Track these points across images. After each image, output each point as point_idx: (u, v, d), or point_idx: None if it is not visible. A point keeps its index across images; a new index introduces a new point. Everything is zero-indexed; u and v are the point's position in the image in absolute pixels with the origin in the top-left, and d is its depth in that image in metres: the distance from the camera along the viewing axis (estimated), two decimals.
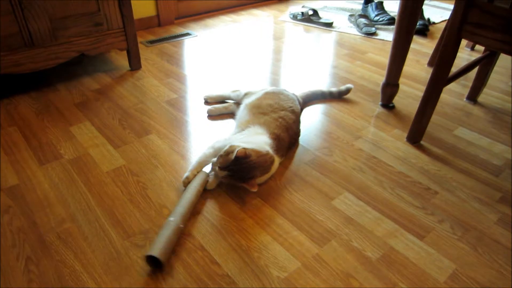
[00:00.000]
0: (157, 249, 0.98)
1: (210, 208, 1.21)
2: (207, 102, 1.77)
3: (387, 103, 1.81)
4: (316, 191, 1.30)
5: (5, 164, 1.35)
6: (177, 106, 1.74)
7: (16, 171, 1.32)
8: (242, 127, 1.39)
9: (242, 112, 1.51)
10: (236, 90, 1.70)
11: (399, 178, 1.37)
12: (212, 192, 1.28)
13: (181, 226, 1.08)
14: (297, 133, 1.51)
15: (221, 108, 1.70)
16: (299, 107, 1.57)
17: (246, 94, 1.64)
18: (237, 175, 1.20)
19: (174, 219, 1.08)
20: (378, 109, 1.80)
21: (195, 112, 1.70)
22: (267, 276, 1.01)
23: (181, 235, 1.11)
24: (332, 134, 1.60)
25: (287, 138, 1.40)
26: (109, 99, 1.76)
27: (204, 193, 1.26)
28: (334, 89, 1.87)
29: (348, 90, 1.88)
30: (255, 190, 1.21)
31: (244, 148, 1.17)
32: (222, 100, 1.76)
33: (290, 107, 1.50)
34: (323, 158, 1.45)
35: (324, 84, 2.00)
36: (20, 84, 1.86)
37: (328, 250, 1.09)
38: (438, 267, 1.06)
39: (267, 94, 1.55)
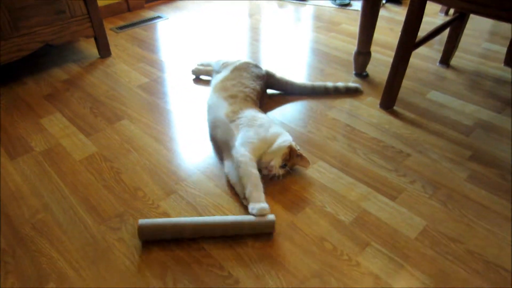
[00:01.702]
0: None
1: (184, 185, 1.21)
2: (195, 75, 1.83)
3: (360, 72, 1.81)
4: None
5: None
6: (149, 90, 1.72)
7: None
8: (231, 118, 1.34)
9: (213, 95, 1.49)
10: (219, 60, 1.72)
11: (372, 143, 1.39)
12: (185, 167, 1.28)
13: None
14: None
15: (203, 70, 1.80)
16: (261, 83, 1.55)
17: (223, 65, 1.64)
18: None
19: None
20: (352, 78, 1.80)
21: (167, 95, 1.69)
22: (241, 245, 1.03)
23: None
24: (306, 106, 1.60)
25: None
26: (79, 88, 1.74)
27: (185, 173, 1.27)
28: (340, 84, 1.69)
29: (356, 89, 1.69)
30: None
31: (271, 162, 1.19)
32: (208, 72, 1.79)
33: (252, 84, 1.49)
34: (297, 130, 1.46)
35: (304, 61, 2.00)
36: None
37: (302, 217, 1.11)
38: (409, 225, 1.08)
39: (231, 73, 1.54)
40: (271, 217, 1.05)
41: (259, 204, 1.07)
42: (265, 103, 1.61)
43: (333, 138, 1.42)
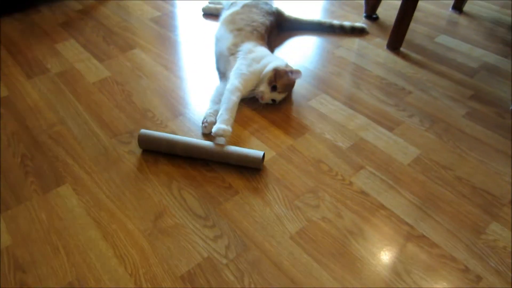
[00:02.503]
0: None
1: (191, 109, 1.27)
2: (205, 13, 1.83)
3: (371, 14, 1.81)
4: (294, 94, 1.35)
5: None
6: (160, 23, 1.75)
7: (5, 83, 1.37)
8: (231, 50, 1.38)
9: (221, 28, 1.51)
10: None
11: (376, 80, 1.42)
12: (194, 95, 1.33)
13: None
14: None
15: (213, 9, 1.80)
16: (271, 19, 1.56)
17: (232, 4, 1.65)
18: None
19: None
20: (362, 20, 1.79)
21: (178, 28, 1.71)
22: (243, 166, 1.10)
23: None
24: (314, 44, 1.62)
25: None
26: (93, 18, 1.77)
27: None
28: (346, 23, 1.70)
29: (362, 29, 1.70)
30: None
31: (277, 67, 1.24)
32: (218, 10, 1.78)
33: (261, 19, 1.50)
34: (304, 66, 1.49)
35: (315, 2, 1.98)
36: (3, 6, 1.85)
37: (301, 141, 1.17)
38: (403, 153, 1.14)
39: (241, 8, 1.55)
40: (259, 153, 1.06)
41: (221, 125, 1.11)
42: (273, 40, 1.63)
43: (338, 74, 1.45)
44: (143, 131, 1.11)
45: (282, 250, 0.89)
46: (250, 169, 1.08)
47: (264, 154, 1.08)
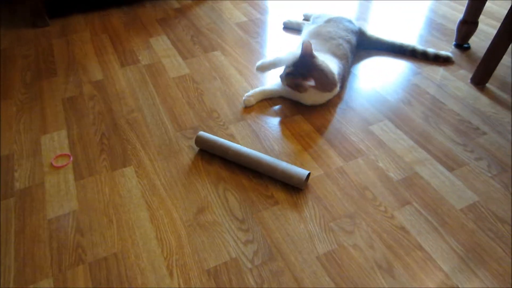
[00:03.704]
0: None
1: (253, 116, 1.34)
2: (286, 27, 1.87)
3: (462, 43, 1.70)
4: (357, 115, 1.34)
5: (95, 63, 1.61)
6: (245, 28, 1.84)
7: (102, 69, 1.57)
8: None
9: (305, 35, 1.57)
10: (313, 14, 1.78)
11: (448, 115, 1.35)
12: (259, 104, 1.39)
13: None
14: (349, 66, 1.52)
15: (294, 23, 1.84)
16: (355, 39, 1.56)
17: (316, 18, 1.69)
18: (298, 71, 1.29)
19: None
20: (450, 49, 1.70)
21: (260, 36, 1.79)
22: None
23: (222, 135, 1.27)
24: (391, 67, 1.58)
25: (346, 68, 1.44)
26: (186, 17, 1.93)
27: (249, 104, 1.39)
28: (431, 50, 1.62)
29: (447, 58, 1.60)
30: (307, 85, 1.27)
31: (309, 42, 1.27)
32: (299, 26, 1.83)
33: (347, 36, 1.51)
34: (372, 88, 1.47)
35: (405, 25, 1.93)
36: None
37: (352, 165, 1.17)
38: (458, 196, 1.08)
39: (328, 22, 1.58)
40: (303, 174, 1.07)
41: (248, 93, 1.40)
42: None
43: (408, 103, 1.40)
44: (201, 133, 1.20)
45: (306, 268, 0.92)
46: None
47: (309, 174, 1.11)
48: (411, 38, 1.77)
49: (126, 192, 1.09)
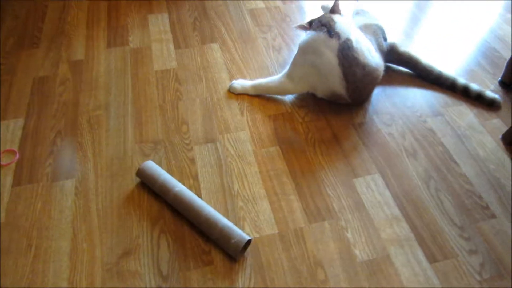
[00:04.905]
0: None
1: (226, 139, 1.17)
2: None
3: (509, 82, 1.38)
4: (344, 162, 1.13)
5: (82, 38, 1.47)
6: (257, 17, 1.60)
7: (87, 46, 1.43)
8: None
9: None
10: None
11: (456, 181, 1.10)
12: (237, 125, 1.21)
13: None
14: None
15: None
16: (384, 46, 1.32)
17: (357, 13, 1.42)
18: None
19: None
20: (493, 85, 1.39)
21: (272, 30, 1.55)
22: (239, 228, 0.98)
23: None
24: (407, 102, 1.32)
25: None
26: None
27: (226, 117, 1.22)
28: (475, 86, 1.32)
29: (492, 101, 1.30)
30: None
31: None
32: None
33: (379, 40, 1.28)
34: (376, 126, 1.23)
35: (452, 46, 1.60)
36: None
37: (315, 229, 0.99)
38: None
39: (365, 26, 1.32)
40: (241, 242, 0.90)
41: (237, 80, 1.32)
42: None
43: (412, 153, 1.16)
44: (144, 165, 1.03)
45: None
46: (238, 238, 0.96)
47: (249, 241, 0.94)
48: (452, 63, 1.46)
49: (57, 213, 1.00)
